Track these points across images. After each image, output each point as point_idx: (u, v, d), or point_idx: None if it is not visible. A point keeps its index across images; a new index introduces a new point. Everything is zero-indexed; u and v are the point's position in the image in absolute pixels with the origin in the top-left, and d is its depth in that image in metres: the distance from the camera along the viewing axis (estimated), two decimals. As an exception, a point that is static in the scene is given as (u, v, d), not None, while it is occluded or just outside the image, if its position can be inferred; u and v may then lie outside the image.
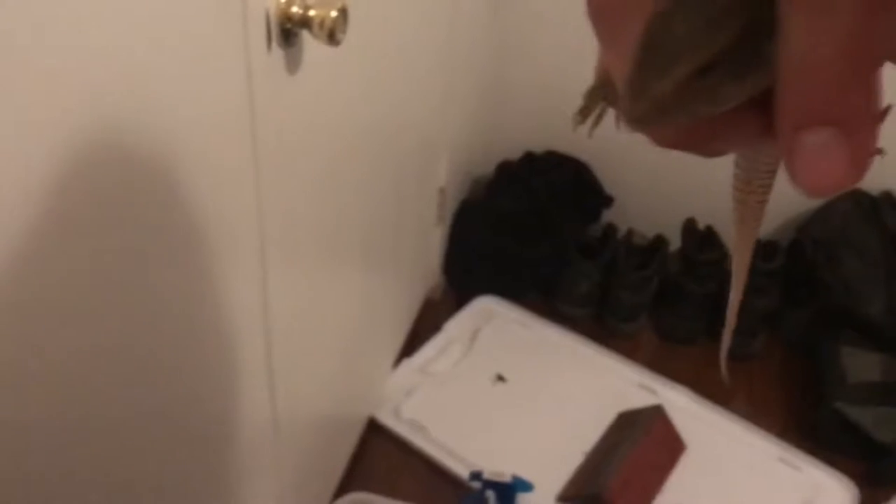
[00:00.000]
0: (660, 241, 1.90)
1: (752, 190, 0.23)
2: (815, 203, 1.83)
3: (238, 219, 0.78)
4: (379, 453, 1.57)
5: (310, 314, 1.09)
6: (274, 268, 0.86)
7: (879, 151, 0.20)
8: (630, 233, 1.92)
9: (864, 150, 0.17)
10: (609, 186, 1.96)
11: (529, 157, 1.98)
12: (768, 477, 1.58)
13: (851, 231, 1.75)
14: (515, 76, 1.95)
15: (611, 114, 0.25)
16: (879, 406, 1.59)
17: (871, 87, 0.17)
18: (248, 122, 0.72)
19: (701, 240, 1.86)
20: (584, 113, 0.26)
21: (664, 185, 1.83)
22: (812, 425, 1.65)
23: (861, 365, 1.64)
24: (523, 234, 1.88)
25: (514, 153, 1.99)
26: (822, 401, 1.63)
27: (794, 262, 1.81)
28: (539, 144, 1.98)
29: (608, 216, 1.98)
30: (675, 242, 1.89)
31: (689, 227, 1.87)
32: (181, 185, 0.65)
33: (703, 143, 0.19)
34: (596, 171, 1.95)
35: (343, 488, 1.47)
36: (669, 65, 0.17)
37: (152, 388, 0.70)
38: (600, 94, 0.25)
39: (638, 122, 0.19)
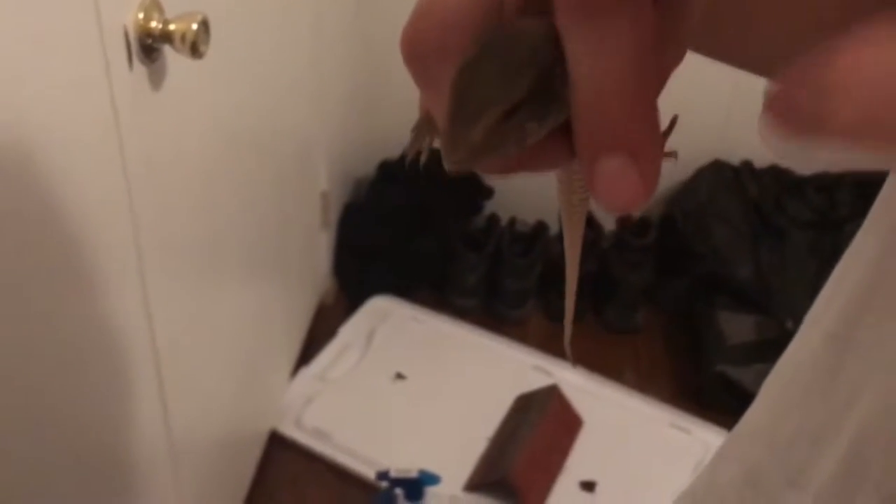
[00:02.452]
0: (541, 227, 1.95)
1: (573, 190, 0.25)
2: (682, 177, 1.93)
3: (113, 238, 0.76)
4: (284, 465, 1.55)
5: (198, 329, 1.07)
6: (154, 285, 0.84)
7: (672, 155, 0.22)
8: (512, 221, 1.97)
9: (652, 169, 0.20)
10: (488, 178, 2.00)
11: (408, 155, 2.00)
12: (662, 443, 1.65)
13: (717, 201, 1.84)
14: (387, 76, 1.96)
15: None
16: (757, 363, 1.69)
17: (650, 116, 0.19)
18: (115, 142, 0.71)
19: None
20: (413, 146, 0.28)
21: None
22: (697, 389, 1.74)
23: (737, 327, 1.74)
24: (409, 231, 1.89)
25: (394, 152, 2.01)
26: (705, 365, 1.72)
27: (666, 236, 1.90)
28: (417, 142, 2.00)
29: (490, 207, 2.02)
30: (554, 227, 1.95)
31: (568, 210, 1.93)
32: (50, 209, 0.63)
33: (520, 170, 0.22)
34: (474, 163, 1.98)
35: (249, 504, 1.45)
36: (477, 115, 0.20)
37: (37, 418, 0.68)
38: (426, 129, 0.26)
39: (457, 165, 0.21)
